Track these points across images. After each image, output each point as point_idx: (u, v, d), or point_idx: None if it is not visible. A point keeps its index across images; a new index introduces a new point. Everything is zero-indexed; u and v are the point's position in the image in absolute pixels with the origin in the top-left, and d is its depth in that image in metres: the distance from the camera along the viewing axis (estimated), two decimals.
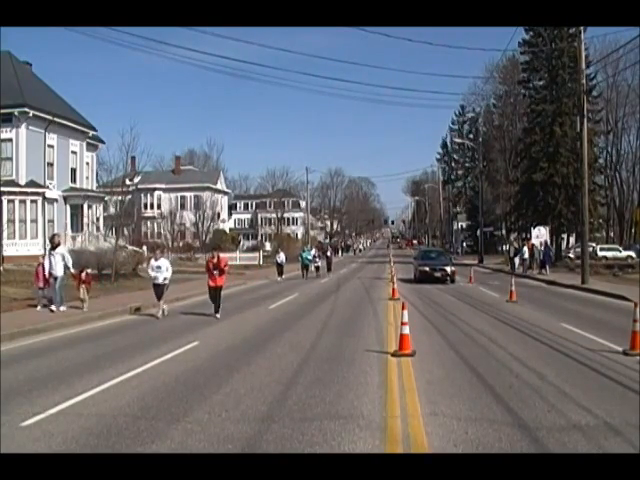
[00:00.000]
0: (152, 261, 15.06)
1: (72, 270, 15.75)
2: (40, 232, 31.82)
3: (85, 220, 35.15)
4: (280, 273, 30.69)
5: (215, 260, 14.53)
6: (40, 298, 15.46)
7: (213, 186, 67.12)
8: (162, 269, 14.53)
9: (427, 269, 26.37)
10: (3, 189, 27.73)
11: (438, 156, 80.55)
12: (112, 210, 39.11)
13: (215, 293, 14.58)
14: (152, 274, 14.65)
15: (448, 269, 26.09)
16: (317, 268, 33.63)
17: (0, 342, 10.35)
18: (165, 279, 14.59)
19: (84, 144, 36.37)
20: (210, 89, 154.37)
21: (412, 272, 30.24)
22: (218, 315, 14.31)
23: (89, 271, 16.64)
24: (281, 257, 31.50)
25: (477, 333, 11.69)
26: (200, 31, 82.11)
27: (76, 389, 7.20)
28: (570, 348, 9.71)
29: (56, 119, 32.56)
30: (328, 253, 37.21)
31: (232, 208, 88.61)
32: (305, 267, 31.83)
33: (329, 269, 34.33)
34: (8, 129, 30.56)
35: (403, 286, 23.25)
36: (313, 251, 36.21)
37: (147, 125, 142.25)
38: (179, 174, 68.98)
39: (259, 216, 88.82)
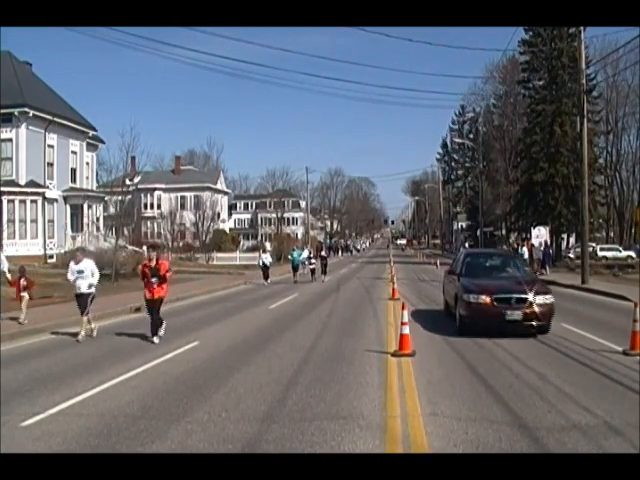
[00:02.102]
0: (72, 264, 11.51)
1: (8, 275, 13.44)
2: (40, 232, 31.85)
3: (85, 220, 35.19)
4: (266, 276, 27.17)
5: (153, 264, 10.98)
6: None
7: (213, 186, 67.11)
8: (85, 274, 11.28)
9: (488, 300, 10.98)
10: (3, 189, 27.77)
11: (438, 156, 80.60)
12: (112, 210, 39.07)
13: (153, 308, 10.97)
14: (71, 279, 11.40)
15: (534, 300, 10.89)
16: (312, 270, 29.66)
17: (0, 342, 10.35)
18: (90, 286, 11.32)
19: (84, 144, 36.40)
20: (210, 89, 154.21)
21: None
22: (156, 339, 10.73)
23: (28, 276, 14.16)
24: (267, 258, 28.11)
25: None
26: (200, 31, 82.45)
27: (76, 389, 7.20)
28: (570, 348, 9.71)
29: (56, 119, 32.60)
30: (323, 253, 31.11)
31: (232, 208, 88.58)
32: (295, 269, 28.54)
33: (324, 271, 29.44)
34: (8, 129, 30.60)
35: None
36: (305, 251, 33.36)
37: (147, 125, 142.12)
38: (179, 174, 68.94)
39: (259, 216, 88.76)
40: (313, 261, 31.00)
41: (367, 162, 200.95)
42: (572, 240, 51.21)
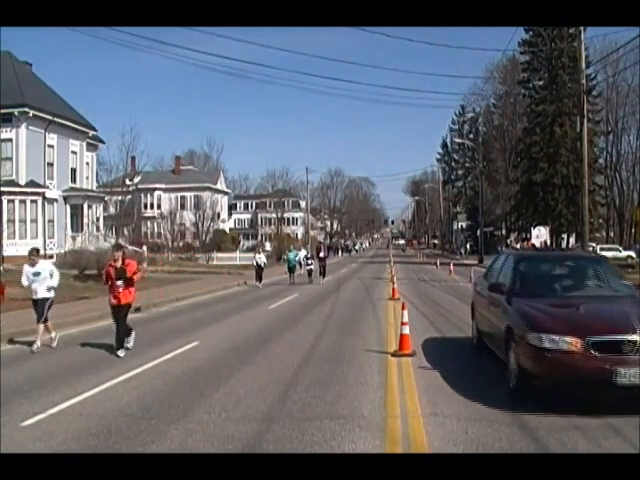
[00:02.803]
0: (26, 267, 10.16)
1: None
2: (40, 232, 31.84)
3: (85, 220, 35.19)
4: (259, 277, 25.84)
5: (119, 264, 9.70)
6: None
7: (213, 186, 67.14)
8: (42, 276, 9.98)
9: (578, 345, 5.89)
10: (3, 189, 27.74)
11: (438, 156, 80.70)
12: (112, 210, 39.11)
13: (119, 315, 9.71)
14: (25, 284, 10.13)
15: None
16: (310, 271, 28.03)
17: (0, 342, 10.34)
18: (50, 290, 10.07)
19: (84, 144, 36.39)
20: (210, 89, 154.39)
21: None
22: (121, 352, 9.42)
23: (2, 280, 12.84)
24: (261, 258, 26.51)
25: None
26: (200, 31, 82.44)
27: (76, 389, 7.20)
28: None
29: (56, 119, 32.58)
30: (321, 254, 29.05)
31: (232, 208, 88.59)
32: (291, 270, 27.54)
33: (322, 273, 27.82)
34: (8, 129, 30.59)
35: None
36: (302, 252, 31.76)
37: (147, 125, 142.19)
38: (179, 174, 68.98)
39: (259, 216, 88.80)
40: (310, 261, 29.40)
41: (367, 162, 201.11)
42: (572, 240, 51.22)
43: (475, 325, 9.84)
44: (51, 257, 31.26)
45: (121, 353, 9.44)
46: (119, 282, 9.60)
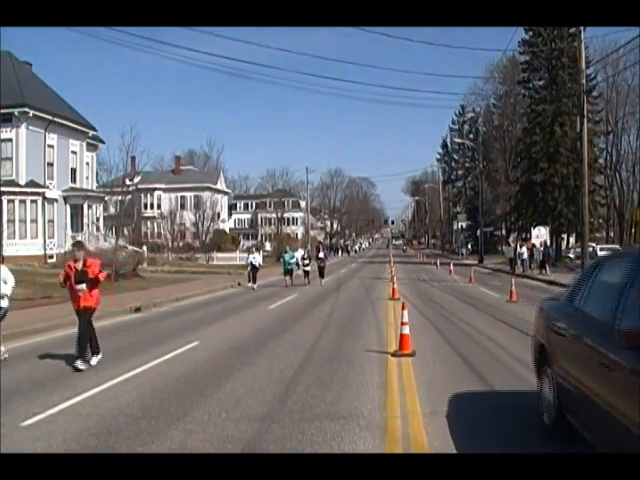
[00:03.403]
0: None
1: None
2: (40, 232, 31.86)
3: (85, 220, 35.20)
4: (253, 279, 24.77)
5: (80, 265, 8.61)
6: None
7: (213, 186, 67.15)
8: None
9: None
10: (3, 189, 27.79)
11: (438, 156, 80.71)
12: (112, 210, 39.11)
13: (83, 321, 8.62)
14: None
15: None
16: (306, 272, 27.10)
17: (0, 342, 10.33)
18: (2, 298, 8.97)
19: (84, 144, 36.40)
20: (210, 89, 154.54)
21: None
22: (80, 364, 8.28)
23: None
24: (256, 259, 25.38)
25: (477, 333, 11.69)
26: (200, 31, 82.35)
27: (76, 389, 7.20)
28: None
29: (56, 119, 32.60)
30: (321, 254, 27.78)
31: (232, 208, 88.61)
32: (288, 272, 26.17)
33: (321, 274, 26.76)
34: (8, 129, 30.61)
35: None
36: (299, 252, 30.69)
37: (147, 125, 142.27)
38: (179, 174, 69.00)
39: (259, 216, 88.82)
40: (307, 262, 28.13)
41: (367, 162, 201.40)
42: (572, 240, 51.25)
43: (552, 387, 5.05)
44: (51, 257, 31.34)
45: (80, 365, 8.30)
46: (80, 286, 8.53)
